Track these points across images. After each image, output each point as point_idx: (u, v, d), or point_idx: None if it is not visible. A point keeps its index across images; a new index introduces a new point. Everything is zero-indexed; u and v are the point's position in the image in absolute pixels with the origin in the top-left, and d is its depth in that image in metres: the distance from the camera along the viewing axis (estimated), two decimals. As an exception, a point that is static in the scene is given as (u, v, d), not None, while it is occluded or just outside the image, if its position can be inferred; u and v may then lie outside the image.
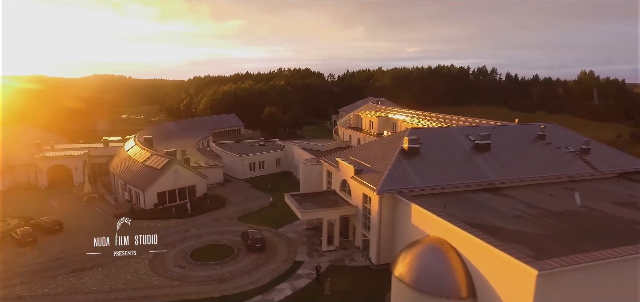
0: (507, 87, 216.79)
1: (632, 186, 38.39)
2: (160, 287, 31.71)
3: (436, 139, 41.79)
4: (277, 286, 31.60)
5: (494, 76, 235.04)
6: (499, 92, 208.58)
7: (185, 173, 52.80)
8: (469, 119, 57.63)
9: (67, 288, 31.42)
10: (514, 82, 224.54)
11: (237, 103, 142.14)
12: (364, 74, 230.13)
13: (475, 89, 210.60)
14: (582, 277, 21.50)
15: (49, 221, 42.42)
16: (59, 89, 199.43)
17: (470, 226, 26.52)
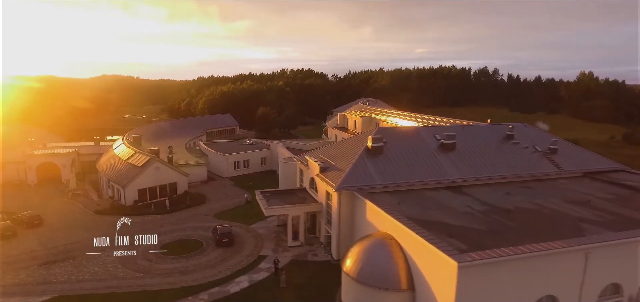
0: (509, 88, 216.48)
1: (592, 185, 39.05)
2: (125, 278, 33.10)
3: (403, 139, 42.78)
4: (236, 279, 32.84)
5: (496, 77, 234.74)
6: (501, 93, 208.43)
7: (166, 171, 54.33)
8: (448, 119, 58.49)
9: (36, 279, 32.91)
10: (516, 83, 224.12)
11: (234, 103, 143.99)
12: (365, 74, 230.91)
13: (476, 90, 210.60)
14: (504, 270, 22.41)
15: (29, 215, 44.12)
16: (67, 89, 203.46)
17: (414, 222, 27.50)
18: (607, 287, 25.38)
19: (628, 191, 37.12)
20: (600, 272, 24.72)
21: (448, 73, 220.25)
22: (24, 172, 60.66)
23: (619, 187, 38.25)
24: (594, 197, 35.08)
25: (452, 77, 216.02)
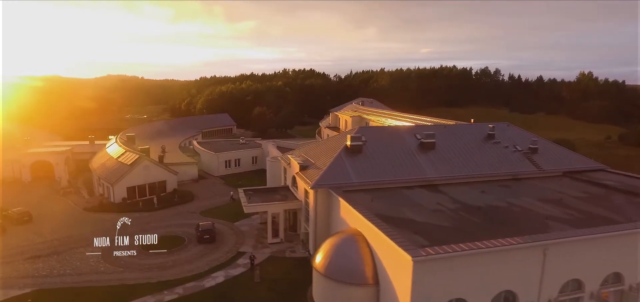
0: (510, 89, 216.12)
1: (569, 184, 39.44)
2: (105, 273, 34.02)
3: (383, 138, 43.39)
4: (213, 274, 33.65)
5: (497, 77, 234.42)
6: (502, 93, 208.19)
7: (155, 169, 55.31)
8: (433, 119, 59.02)
9: (20, 272, 33.89)
10: (517, 83, 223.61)
11: (233, 103, 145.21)
12: (366, 75, 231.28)
13: (477, 91, 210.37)
14: (461, 265, 22.98)
15: (18, 212, 45.24)
16: (71, 89, 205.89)
17: (382, 219, 28.10)
18: (567, 283, 25.87)
19: (603, 190, 37.49)
20: (559, 268, 25.21)
21: (448, 73, 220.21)
22: (18, 170, 61.86)
23: (595, 186, 38.63)
24: (567, 195, 35.49)
25: (453, 77, 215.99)
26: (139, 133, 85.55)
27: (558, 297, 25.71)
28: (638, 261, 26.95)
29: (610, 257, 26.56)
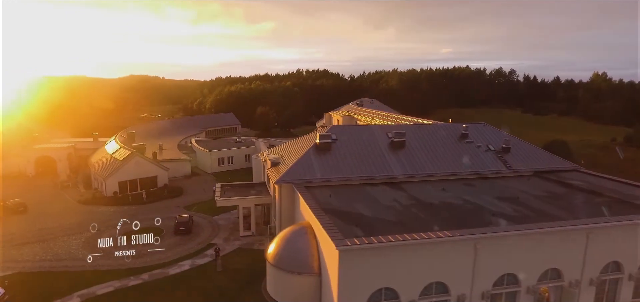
0: (524, 89, 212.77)
1: (534, 183, 39.89)
2: (82, 259, 36.39)
3: (355, 136, 44.59)
4: (180, 262, 35.73)
5: (513, 78, 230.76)
6: (516, 94, 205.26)
7: (146, 165, 58.05)
8: (412, 118, 59.71)
9: (5, 257, 36.69)
10: (532, 84, 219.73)
11: (240, 103, 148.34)
12: (377, 75, 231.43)
13: (490, 92, 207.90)
14: (390, 255, 24.17)
15: (15, 203, 48.55)
16: (94, 89, 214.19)
17: (330, 213, 29.54)
18: (502, 277, 26.66)
19: (565, 189, 37.86)
20: (493, 262, 26.03)
21: (459, 74, 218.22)
22: (23, 164, 65.71)
23: (559, 186, 38.99)
24: (527, 194, 36.01)
25: (465, 78, 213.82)
26: (142, 131, 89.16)
27: (492, 291, 26.57)
28: (577, 258, 27.55)
29: (547, 253, 27.16)
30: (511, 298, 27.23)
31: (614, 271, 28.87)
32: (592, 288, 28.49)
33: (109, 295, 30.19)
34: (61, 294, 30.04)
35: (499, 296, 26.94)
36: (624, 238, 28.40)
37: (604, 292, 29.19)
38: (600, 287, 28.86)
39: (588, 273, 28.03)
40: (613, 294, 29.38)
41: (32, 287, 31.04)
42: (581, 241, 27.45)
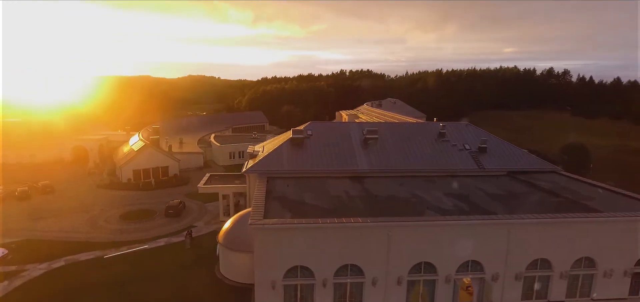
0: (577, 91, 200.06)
1: (500, 181, 40.05)
2: (81, 232, 42.37)
3: (332, 133, 47.00)
4: (158, 239, 40.40)
5: (566, 79, 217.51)
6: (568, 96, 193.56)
7: (158, 156, 64.17)
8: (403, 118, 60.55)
9: (22, 226, 43.55)
10: (587, 85, 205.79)
11: (272, 102, 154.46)
12: (416, 76, 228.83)
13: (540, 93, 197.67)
14: (303, 236, 26.73)
15: (43, 184, 56.37)
16: (154, 87, 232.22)
17: (277, 200, 32.54)
18: (419, 265, 28.13)
19: (527, 189, 37.88)
20: (408, 250, 27.63)
21: (503, 74, 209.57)
22: (60, 153, 74.88)
23: (524, 185, 38.97)
24: (483, 192, 36.54)
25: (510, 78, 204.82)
26: (172, 126, 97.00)
27: (408, 277, 28.13)
28: (499, 252, 28.28)
29: (467, 245, 28.17)
30: (430, 285, 28.61)
31: (544, 268, 29.15)
32: (519, 283, 29.02)
33: (88, 261, 35.26)
34: (52, 257, 35.61)
35: (416, 283, 28.47)
36: (552, 237, 28.64)
37: (534, 288, 29.52)
38: (528, 283, 29.29)
39: (513, 268, 28.64)
40: (544, 291, 29.60)
41: (32, 251, 37.02)
42: (503, 235, 28.17)
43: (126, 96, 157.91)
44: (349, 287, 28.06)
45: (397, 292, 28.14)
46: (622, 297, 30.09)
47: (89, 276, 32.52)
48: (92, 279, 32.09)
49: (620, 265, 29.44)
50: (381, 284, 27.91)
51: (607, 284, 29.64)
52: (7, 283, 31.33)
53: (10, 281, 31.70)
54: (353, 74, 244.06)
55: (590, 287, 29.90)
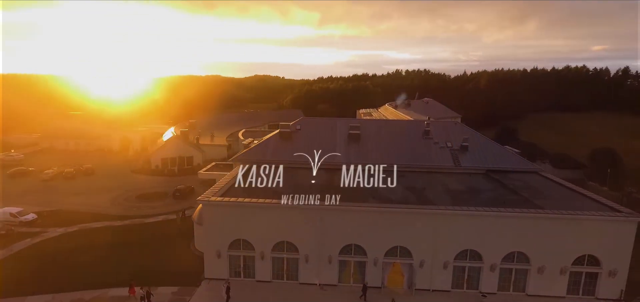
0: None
1: (471, 179, 40.76)
2: (100, 206, 50.06)
3: (320, 128, 50.29)
4: (158, 216, 46.62)
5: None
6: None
7: (183, 146, 71.67)
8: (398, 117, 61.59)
9: (60, 199, 52.36)
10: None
11: (313, 100, 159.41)
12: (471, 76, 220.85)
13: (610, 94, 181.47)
14: (245, 213, 30.68)
15: (86, 167, 66.18)
16: (219, 85, 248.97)
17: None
18: (348, 247, 30.75)
19: (490, 185, 38.46)
20: (338, 233, 30.42)
21: (566, 74, 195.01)
22: (109, 142, 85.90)
23: (489, 182, 39.50)
24: (446, 187, 37.77)
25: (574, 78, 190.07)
26: (211, 121, 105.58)
27: (339, 257, 30.88)
28: (427, 240, 29.97)
29: (396, 232, 30.24)
30: (360, 267, 31.10)
31: (474, 259, 30.28)
32: (448, 271, 30.46)
33: (96, 229, 42.28)
34: (70, 224, 43.14)
35: (347, 263, 31.14)
36: (481, 229, 29.68)
37: (464, 278, 30.72)
38: (457, 273, 30.59)
39: (440, 257, 30.18)
40: (475, 281, 30.68)
41: (56, 218, 45.03)
42: (430, 225, 29.84)
43: (191, 93, 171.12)
44: (286, 262, 31.55)
45: (329, 269, 31.05)
46: (560, 295, 30.18)
47: (91, 239, 39.27)
48: (93, 241, 38.77)
49: (555, 263, 29.63)
50: (314, 261, 31.03)
51: (543, 281, 29.96)
52: (29, 240, 39.03)
53: (32, 238, 39.41)
54: (409, 73, 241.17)
55: (525, 283, 30.41)
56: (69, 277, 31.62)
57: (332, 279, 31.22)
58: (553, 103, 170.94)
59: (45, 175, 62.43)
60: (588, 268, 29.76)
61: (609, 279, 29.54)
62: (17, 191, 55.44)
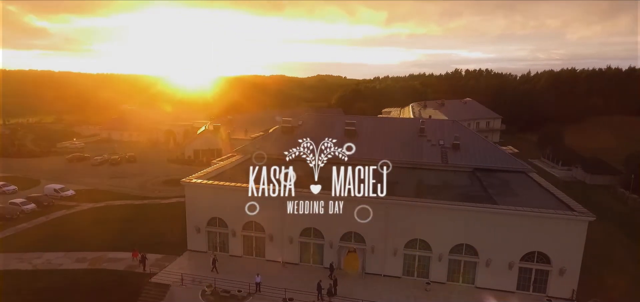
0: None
1: (452, 176, 41.48)
2: (129, 188, 57.57)
3: (319, 124, 53.47)
4: (172, 198, 52.67)
5: None
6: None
7: (214, 139, 78.38)
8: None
9: (100, 181, 60.84)
10: None
11: (356, 99, 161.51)
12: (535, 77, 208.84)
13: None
14: (219, 195, 34.88)
15: (129, 155, 75.27)
16: (280, 84, 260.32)
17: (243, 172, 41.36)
18: (307, 230, 33.72)
19: (468, 182, 39.16)
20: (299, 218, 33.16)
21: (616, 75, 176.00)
22: (155, 135, 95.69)
23: (467, 179, 40.14)
24: (417, 180, 39.29)
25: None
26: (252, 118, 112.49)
27: (299, 239, 33.96)
28: (378, 228, 32.00)
29: (352, 220, 32.50)
30: (319, 249, 33.93)
31: (423, 249, 31.79)
32: (399, 259, 32.27)
33: (119, 205, 49.31)
34: (98, 201, 50.69)
35: (307, 244, 34.13)
36: (430, 220, 31.14)
37: (415, 266, 32.30)
38: (408, 260, 32.25)
39: (391, 244, 32.09)
40: (425, 270, 32.10)
41: (90, 195, 52.98)
42: (381, 214, 31.80)
43: (251, 91, 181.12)
44: (254, 240, 35.31)
45: (291, 249, 34.29)
46: (510, 290, 30.66)
47: (111, 214, 46.13)
48: (111, 215, 45.58)
49: (503, 257, 30.21)
50: (277, 241, 34.46)
51: (491, 275, 30.66)
52: (64, 211, 46.82)
53: (66, 210, 47.22)
54: (470, 74, 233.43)
55: (474, 275, 31.26)
56: (82, 241, 38.10)
57: (294, 258, 34.41)
58: (623, 105, 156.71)
59: (95, 161, 72.37)
60: (538, 265, 29.94)
61: (560, 278, 29.51)
62: (70, 172, 65.27)
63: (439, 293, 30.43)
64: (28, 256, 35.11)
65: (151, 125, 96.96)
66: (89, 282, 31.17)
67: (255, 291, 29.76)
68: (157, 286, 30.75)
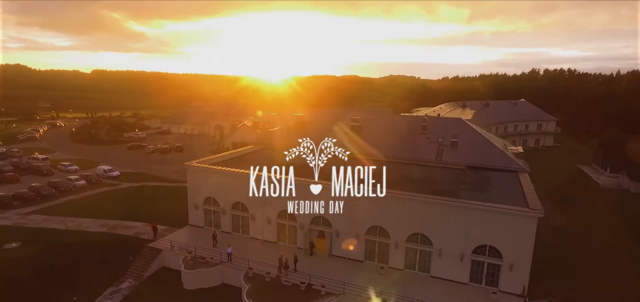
0: None
1: (437, 171, 42.33)
2: (167, 172, 65.54)
3: (330, 119, 56.49)
4: (198, 183, 59.27)
5: None
6: None
7: (250, 134, 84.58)
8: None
9: (146, 166, 69.96)
10: None
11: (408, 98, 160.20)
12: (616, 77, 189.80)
13: None
14: (212, 178, 39.90)
15: (177, 146, 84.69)
16: (348, 84, 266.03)
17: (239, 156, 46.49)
18: (284, 211, 37.13)
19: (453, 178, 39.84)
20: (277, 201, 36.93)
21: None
22: (207, 129, 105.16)
23: (453, 175, 40.74)
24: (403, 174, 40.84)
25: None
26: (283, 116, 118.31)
27: (277, 220, 37.69)
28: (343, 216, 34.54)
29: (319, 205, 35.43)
30: (293, 231, 37.37)
31: (382, 236, 33.80)
32: (360, 244, 34.59)
33: (152, 186, 57.09)
34: (138, 181, 59.01)
35: (283, 226, 37.75)
36: (387, 209, 33.00)
37: (375, 252, 34.37)
38: (369, 246, 34.43)
39: (353, 229, 34.53)
40: (384, 255, 34.04)
41: (131, 176, 61.81)
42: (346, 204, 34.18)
43: (318, 90, 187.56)
44: (241, 220, 39.79)
45: (270, 229, 38.20)
46: (462, 281, 31.52)
47: (143, 192, 53.81)
48: (142, 193, 53.20)
49: (455, 248, 31.20)
50: (259, 221, 38.56)
51: (444, 265, 31.78)
52: (108, 188, 55.58)
53: (110, 187, 55.99)
54: (547, 73, 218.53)
55: (429, 264, 32.53)
56: (110, 211, 45.72)
57: (272, 237, 38.26)
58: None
59: (148, 149, 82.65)
60: (489, 259, 30.46)
61: (510, 273, 29.82)
62: (126, 158, 75.69)
63: (391, 277, 32.26)
64: (67, 219, 43.32)
65: (203, 120, 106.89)
66: (102, 242, 38.06)
67: (227, 261, 34.15)
68: (152, 250, 36.55)
